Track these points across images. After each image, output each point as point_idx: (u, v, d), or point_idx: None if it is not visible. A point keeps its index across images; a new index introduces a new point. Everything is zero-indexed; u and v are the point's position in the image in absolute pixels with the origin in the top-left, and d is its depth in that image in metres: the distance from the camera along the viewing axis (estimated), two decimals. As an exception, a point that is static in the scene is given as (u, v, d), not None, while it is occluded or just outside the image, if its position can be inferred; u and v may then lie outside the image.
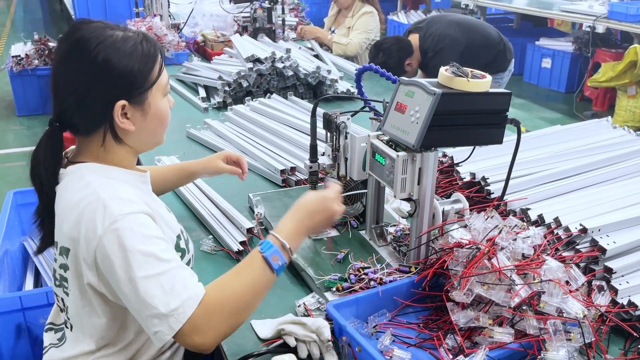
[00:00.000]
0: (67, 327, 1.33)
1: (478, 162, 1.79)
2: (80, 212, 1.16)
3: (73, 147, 1.32)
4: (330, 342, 1.19)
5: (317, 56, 3.59)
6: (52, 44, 5.51)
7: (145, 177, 1.33)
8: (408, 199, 1.39)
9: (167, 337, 1.13)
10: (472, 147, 1.54)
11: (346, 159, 1.62)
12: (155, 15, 4.00)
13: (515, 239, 1.26)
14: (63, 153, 1.27)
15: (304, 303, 1.34)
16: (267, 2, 3.73)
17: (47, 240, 1.31)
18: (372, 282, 1.37)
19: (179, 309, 1.11)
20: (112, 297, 1.20)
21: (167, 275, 1.13)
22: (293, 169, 2.04)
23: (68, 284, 1.25)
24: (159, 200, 1.37)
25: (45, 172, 1.22)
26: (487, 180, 1.69)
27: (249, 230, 1.66)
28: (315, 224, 1.30)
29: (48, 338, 1.39)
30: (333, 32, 4.20)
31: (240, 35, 3.62)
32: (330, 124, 1.62)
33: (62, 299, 1.31)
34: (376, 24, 4.07)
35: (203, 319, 1.12)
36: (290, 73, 2.89)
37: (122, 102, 1.20)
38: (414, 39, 3.46)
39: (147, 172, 1.36)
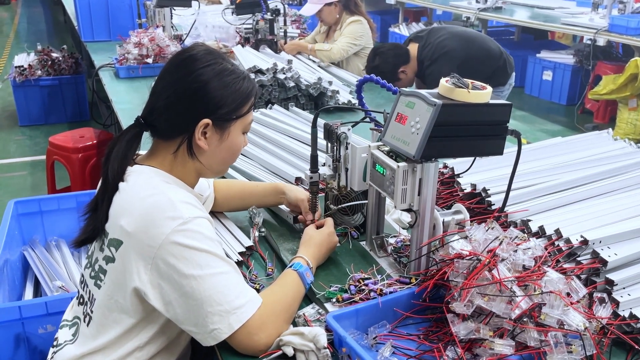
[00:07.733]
0: (83, 322, 1.34)
1: (479, 173, 1.78)
2: (146, 208, 1.22)
3: (143, 152, 1.38)
4: (327, 350, 1.18)
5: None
6: (55, 55, 5.54)
7: (199, 202, 1.35)
8: (408, 210, 1.39)
9: (224, 336, 1.19)
10: (473, 158, 1.54)
11: (347, 170, 1.62)
12: (157, 27, 4.02)
13: (515, 251, 1.25)
14: (135, 152, 1.34)
15: (303, 314, 1.33)
16: (269, 14, 3.75)
17: (92, 233, 1.32)
18: (372, 293, 1.37)
19: (242, 308, 1.19)
20: (153, 299, 1.21)
21: (230, 275, 1.22)
22: (298, 179, 2.03)
23: (105, 276, 1.27)
24: None
25: (115, 163, 1.28)
26: (487, 191, 1.69)
27: (249, 248, 1.64)
28: (322, 254, 1.52)
29: (63, 335, 1.40)
30: None
31: (242, 46, 3.64)
32: (331, 134, 1.63)
33: (90, 291, 1.33)
34: (364, 31, 4.06)
35: (261, 322, 1.22)
36: (292, 84, 2.90)
37: (207, 120, 1.30)
38: (413, 48, 3.46)
39: (203, 197, 1.46)
